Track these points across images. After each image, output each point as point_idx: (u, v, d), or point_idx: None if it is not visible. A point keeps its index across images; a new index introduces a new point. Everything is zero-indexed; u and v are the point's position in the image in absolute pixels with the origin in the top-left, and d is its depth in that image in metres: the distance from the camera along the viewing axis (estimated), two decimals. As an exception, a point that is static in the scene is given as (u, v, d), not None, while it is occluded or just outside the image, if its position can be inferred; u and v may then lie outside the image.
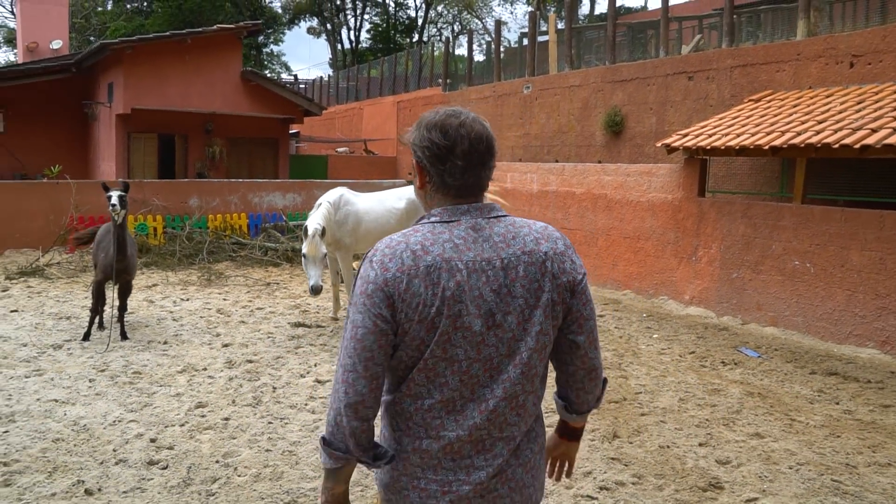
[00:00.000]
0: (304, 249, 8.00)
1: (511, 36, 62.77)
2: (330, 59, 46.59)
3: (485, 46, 26.49)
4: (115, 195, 7.42)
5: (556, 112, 15.70)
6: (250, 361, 7.07)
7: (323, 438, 1.90)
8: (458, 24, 48.12)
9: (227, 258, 13.10)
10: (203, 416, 5.57)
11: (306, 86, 32.94)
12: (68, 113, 19.38)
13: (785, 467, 5.02)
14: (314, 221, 8.21)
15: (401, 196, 9.31)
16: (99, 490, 4.28)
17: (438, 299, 1.82)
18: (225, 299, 10.04)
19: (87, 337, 7.71)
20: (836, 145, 8.23)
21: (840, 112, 9.14)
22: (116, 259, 7.46)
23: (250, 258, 13.14)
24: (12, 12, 39.11)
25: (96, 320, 8.03)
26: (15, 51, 32.78)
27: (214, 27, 17.68)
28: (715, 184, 11.64)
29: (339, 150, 24.24)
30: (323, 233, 8.11)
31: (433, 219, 1.93)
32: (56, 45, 22.98)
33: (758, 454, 5.25)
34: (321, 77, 33.15)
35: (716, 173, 11.72)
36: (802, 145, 8.60)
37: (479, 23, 45.34)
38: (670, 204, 10.77)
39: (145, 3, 40.58)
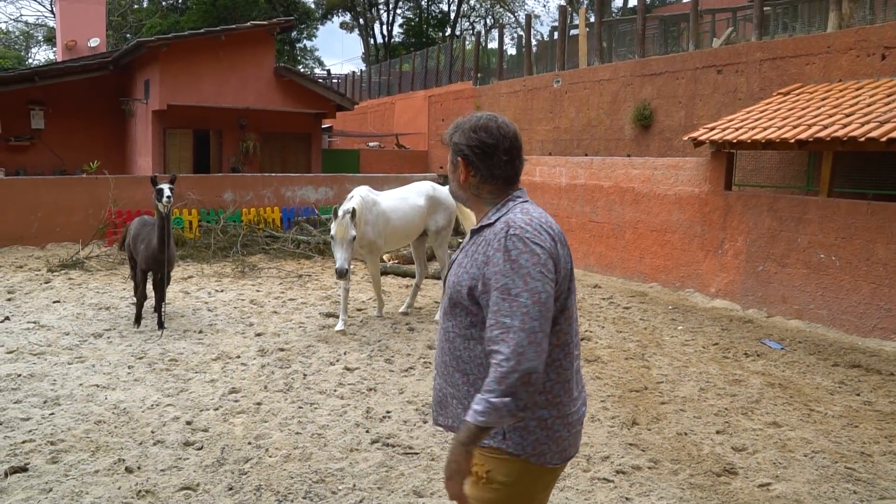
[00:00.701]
0: (333, 231, 7.96)
1: (543, 29, 62.70)
2: (363, 53, 46.90)
3: (516, 40, 26.54)
4: (166, 188, 7.72)
5: (585, 106, 15.77)
6: (282, 350, 7.32)
7: (504, 400, 2.09)
8: (490, 17, 48.17)
9: (261, 251, 13.40)
10: (236, 401, 5.81)
11: (339, 80, 33.24)
12: (106, 110, 19.79)
13: (800, 455, 5.13)
14: (346, 204, 8.15)
15: (419, 192, 9.20)
16: (138, 468, 4.53)
17: (566, 258, 2.34)
18: (258, 291, 10.31)
19: (138, 321, 8.07)
20: (863, 138, 8.23)
21: (869, 105, 9.12)
22: (159, 250, 7.75)
23: (283, 251, 13.42)
24: (52, 11, 39.94)
25: (145, 304, 8.30)
26: (55, 49, 33.52)
27: (248, 24, 17.98)
28: (743, 177, 11.66)
29: (371, 144, 24.48)
30: (354, 214, 8.01)
31: (522, 198, 2.42)
32: (94, 42, 23.44)
33: (774, 442, 5.36)
34: (353, 72, 33.42)
35: (744, 167, 11.73)
36: (828, 139, 8.62)
37: (512, 16, 45.31)
38: (697, 197, 10.83)
39: (180, 0, 41.16)
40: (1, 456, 4.65)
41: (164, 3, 41.93)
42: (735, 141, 9.77)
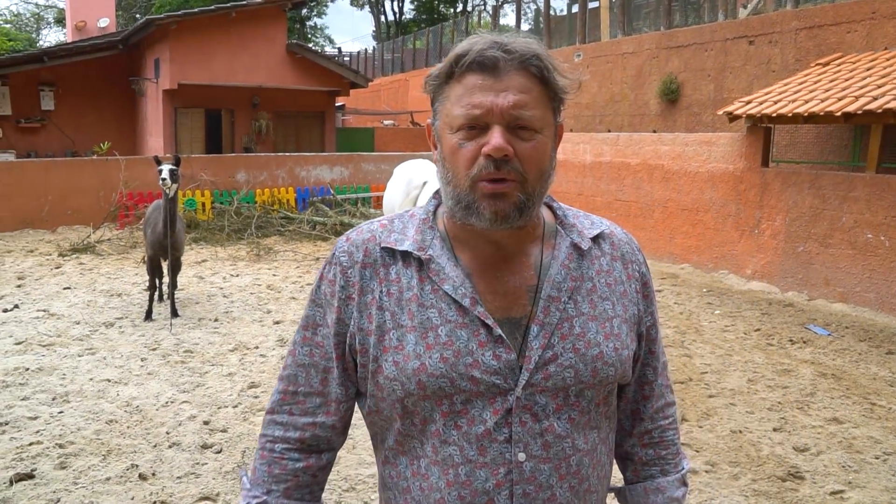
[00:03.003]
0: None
1: (556, 4, 61.81)
2: (373, 31, 46.25)
3: (530, 15, 25.96)
4: (165, 168, 7.31)
5: (608, 80, 15.25)
6: (301, 339, 6.93)
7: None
8: (503, -8, 47.30)
9: (276, 233, 13.03)
10: (256, 397, 5.43)
11: (350, 58, 32.72)
12: (116, 90, 19.46)
13: (870, 457, 4.71)
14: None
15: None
16: (153, 475, 4.16)
17: None
18: (274, 275, 9.93)
19: (149, 316, 7.60)
20: (918, 110, 7.74)
21: (920, 75, 8.61)
22: (164, 234, 7.37)
23: (299, 232, 13.04)
24: (61, -9, 39.52)
25: (155, 297, 7.92)
26: (64, 30, 33.12)
27: (259, 0, 17.51)
28: (777, 153, 11.15)
29: (386, 122, 24.07)
30: None
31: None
32: (104, 23, 23.09)
33: (838, 441, 4.94)
34: (365, 49, 32.91)
35: (778, 142, 11.22)
36: (879, 111, 8.10)
37: (525, -9, 44.49)
38: (732, 174, 10.33)
39: (190, -21, 40.60)
40: (7, 460, 4.30)
41: (173, -18, 41.38)
42: (774, 115, 9.27)
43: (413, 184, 7.47)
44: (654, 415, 1.53)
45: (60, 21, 43.30)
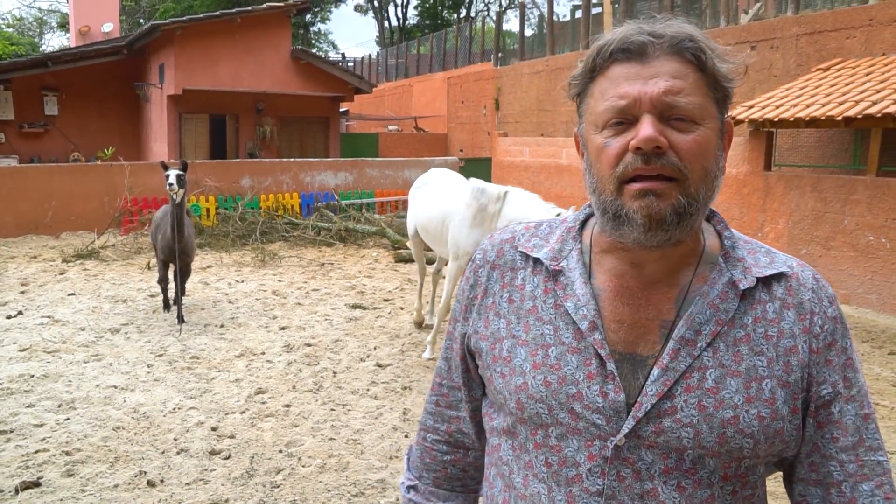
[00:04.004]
0: None
1: (559, 10, 61.90)
2: (377, 36, 46.36)
3: (533, 21, 26.01)
4: (172, 174, 7.33)
5: (610, 85, 15.27)
6: (308, 345, 6.95)
7: None
8: (505, -3, 47.41)
9: (280, 238, 13.05)
10: (263, 403, 5.46)
11: (354, 63, 32.79)
12: (120, 95, 19.49)
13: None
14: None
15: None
16: (161, 482, 4.18)
17: None
18: (280, 280, 9.96)
19: (167, 305, 8.05)
20: (918, 114, 7.77)
21: (919, 79, 8.64)
22: (173, 240, 7.39)
23: (303, 238, 13.06)
24: (65, -3, 39.65)
25: (170, 296, 8.10)
26: (68, 35, 33.19)
27: (264, 5, 17.55)
28: (779, 157, 11.17)
29: (390, 128, 24.12)
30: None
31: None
32: (107, 28, 23.14)
33: (843, 445, 4.95)
34: (369, 55, 32.97)
35: (780, 146, 11.24)
36: (879, 115, 8.13)
37: (528, -4, 44.57)
38: (735, 178, 10.35)
39: (193, -16, 40.73)
40: (13, 468, 4.32)
41: (176, -13, 41.52)
42: (777, 119, 9.29)
43: (488, 195, 6.21)
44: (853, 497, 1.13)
45: (63, 26, 43.39)
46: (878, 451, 1.15)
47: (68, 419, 5.07)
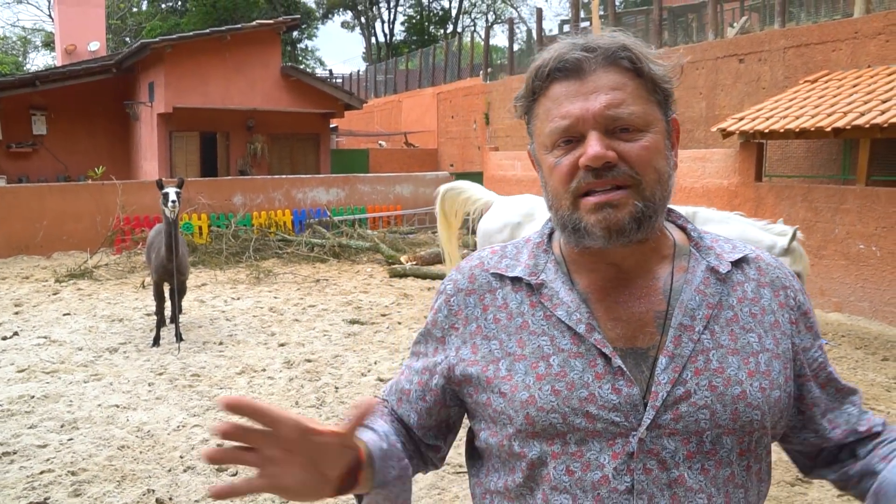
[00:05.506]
0: (797, 268, 6.03)
1: (546, 24, 62.32)
2: (364, 52, 46.54)
3: (521, 36, 26.19)
4: (172, 192, 7.34)
5: (599, 99, 15.39)
6: (309, 361, 6.95)
7: None
8: (491, 13, 47.77)
9: (274, 255, 13.05)
10: (266, 420, 5.45)
11: (343, 80, 32.90)
12: (109, 114, 19.48)
13: (876, 464, 4.78)
14: None
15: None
16: (170, 500, 4.18)
17: None
18: (276, 297, 9.96)
19: (156, 342, 7.56)
20: (905, 125, 7.89)
21: (905, 90, 8.77)
22: (168, 259, 7.38)
23: (297, 255, 13.07)
24: (50, 16, 39.61)
25: (164, 322, 7.90)
26: (53, 54, 33.13)
27: (254, 23, 17.64)
28: (769, 167, 11.29)
29: (381, 143, 24.20)
30: None
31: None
32: (94, 46, 23.17)
33: (845, 451, 5.01)
34: (358, 71, 33.11)
35: (769, 157, 11.36)
36: (867, 126, 8.26)
37: (514, 11, 44.92)
38: (726, 189, 10.45)
39: (179, 3, 40.80)
40: (18, 489, 4.30)
41: (163, 6, 41.60)
42: (767, 131, 9.40)
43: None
44: (871, 441, 1.28)
45: (48, 44, 43.33)
46: (852, 395, 1.32)
47: (72, 439, 5.06)
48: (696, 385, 1.12)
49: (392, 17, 45.58)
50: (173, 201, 7.27)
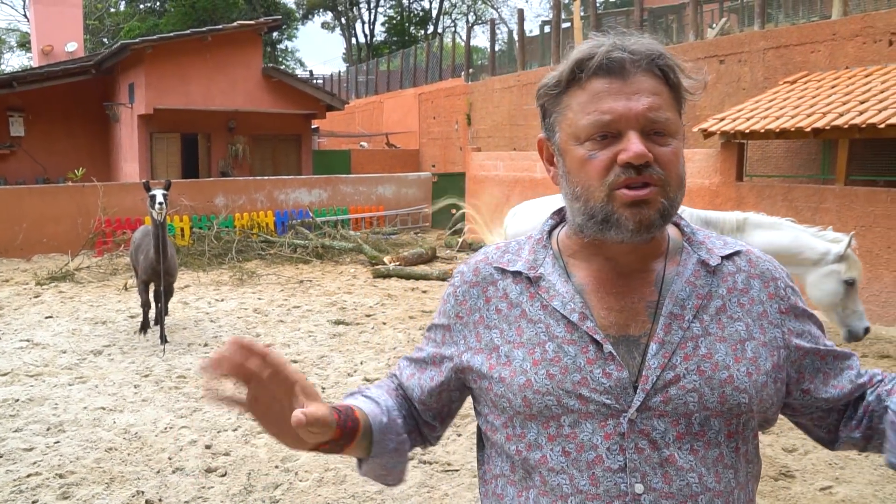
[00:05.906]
0: (852, 274, 5.70)
1: (527, 25, 62.53)
2: (344, 53, 46.49)
3: (502, 37, 26.28)
4: (159, 193, 7.31)
5: (581, 100, 15.47)
6: (295, 361, 6.95)
7: None
8: (472, 14, 47.86)
9: (257, 256, 13.02)
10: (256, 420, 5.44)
11: (324, 80, 32.85)
12: (89, 115, 19.32)
13: (854, 454, 4.86)
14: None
15: None
16: (160, 501, 4.17)
17: None
18: (259, 299, 9.94)
19: (143, 328, 7.79)
20: (882, 125, 7.98)
21: (882, 91, 8.89)
22: (156, 260, 7.36)
23: (280, 256, 13.04)
24: (26, 16, 39.21)
25: (149, 325, 7.94)
26: (30, 54, 32.82)
27: (235, 24, 17.58)
28: (750, 167, 11.41)
29: (363, 144, 24.19)
30: None
31: None
32: (71, 47, 22.96)
33: (826, 445, 5.09)
34: (339, 72, 33.06)
35: (750, 157, 11.48)
36: (846, 126, 8.37)
37: (495, 12, 45.03)
38: (708, 189, 10.56)
39: (158, 3, 40.55)
40: (6, 493, 4.28)
41: (141, 7, 41.32)
42: (748, 131, 9.50)
43: (720, 227, 5.85)
44: (873, 392, 1.35)
45: (24, 45, 42.87)
46: (849, 359, 1.37)
47: (58, 442, 5.03)
48: (685, 370, 1.19)
49: (372, 17, 45.60)
50: (160, 203, 7.25)
